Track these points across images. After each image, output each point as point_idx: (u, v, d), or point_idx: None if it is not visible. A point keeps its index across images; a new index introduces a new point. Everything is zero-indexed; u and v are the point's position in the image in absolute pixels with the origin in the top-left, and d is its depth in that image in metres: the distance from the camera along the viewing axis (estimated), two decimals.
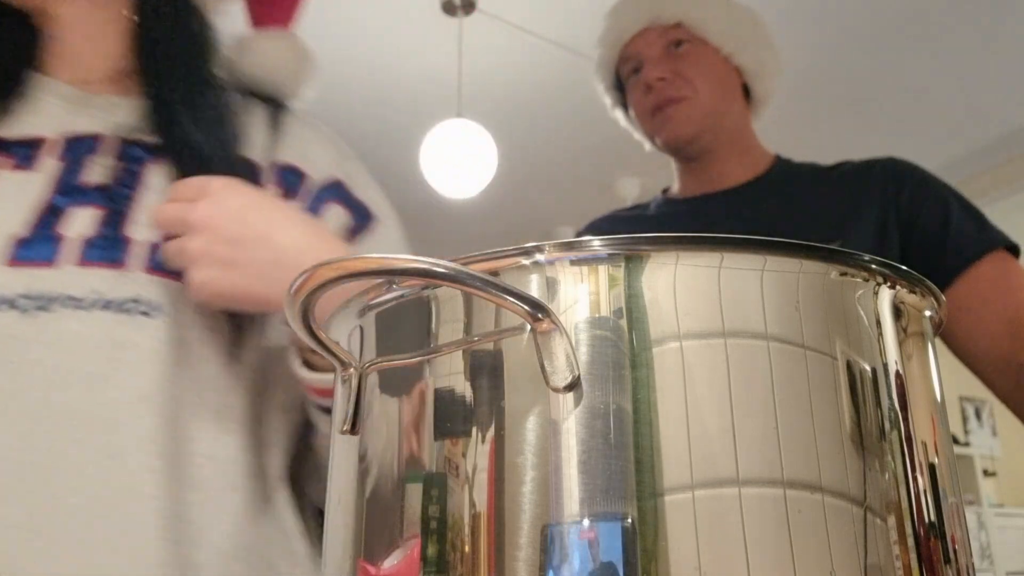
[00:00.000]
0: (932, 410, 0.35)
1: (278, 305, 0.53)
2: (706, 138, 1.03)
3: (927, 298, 0.37)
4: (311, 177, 0.69)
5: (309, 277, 0.32)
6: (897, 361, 0.34)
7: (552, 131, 3.58)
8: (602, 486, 0.29)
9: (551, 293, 0.32)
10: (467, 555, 0.30)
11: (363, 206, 0.71)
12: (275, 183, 0.67)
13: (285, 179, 0.68)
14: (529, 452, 0.30)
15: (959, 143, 3.54)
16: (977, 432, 5.05)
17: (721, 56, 1.04)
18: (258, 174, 0.67)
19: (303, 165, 0.70)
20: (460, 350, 0.33)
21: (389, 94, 3.33)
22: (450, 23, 2.93)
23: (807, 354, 0.31)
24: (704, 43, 1.03)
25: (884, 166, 1.03)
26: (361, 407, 0.36)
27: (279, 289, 0.49)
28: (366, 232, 0.70)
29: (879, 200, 0.99)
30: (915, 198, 0.98)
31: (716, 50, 1.03)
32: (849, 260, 0.33)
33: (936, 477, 0.34)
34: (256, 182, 0.66)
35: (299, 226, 0.57)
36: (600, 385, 0.30)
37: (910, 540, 0.31)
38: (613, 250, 0.32)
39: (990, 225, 0.99)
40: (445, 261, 0.30)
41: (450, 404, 0.32)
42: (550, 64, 3.15)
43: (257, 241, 0.54)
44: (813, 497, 0.29)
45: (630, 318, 0.31)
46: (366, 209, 0.71)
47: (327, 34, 2.97)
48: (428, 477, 0.32)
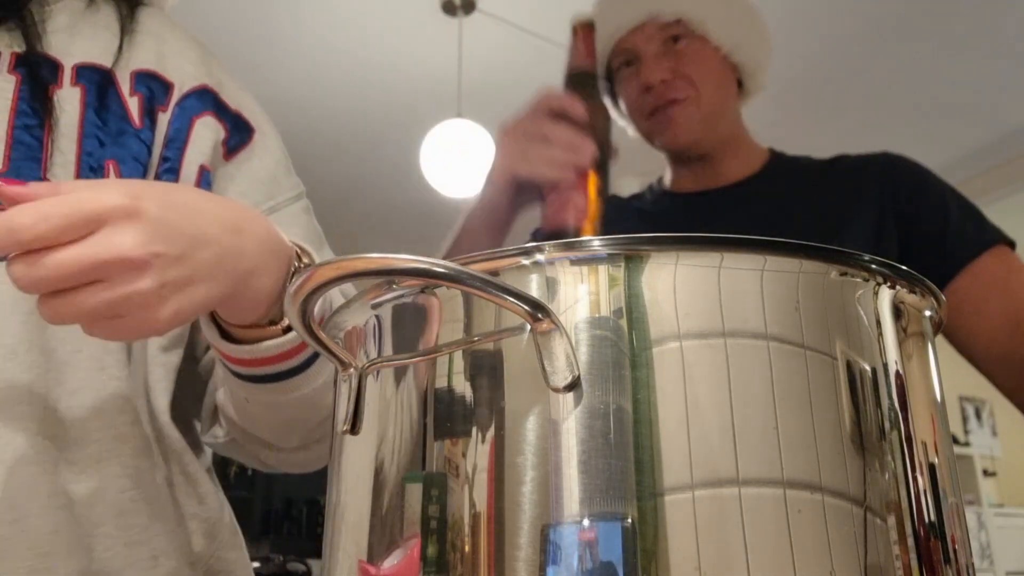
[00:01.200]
0: (932, 410, 0.35)
1: (237, 298, 0.47)
2: (706, 142, 1.02)
3: (927, 298, 0.36)
4: (175, 84, 0.62)
5: (309, 277, 0.32)
6: (897, 361, 0.34)
7: None
8: (602, 486, 0.29)
9: (551, 293, 0.32)
10: (467, 555, 0.30)
11: (238, 116, 0.65)
12: (132, 92, 0.60)
13: (146, 87, 0.61)
14: (529, 452, 0.30)
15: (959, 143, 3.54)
16: (977, 432, 5.05)
17: (720, 54, 1.02)
18: (109, 80, 0.59)
19: (164, 71, 0.62)
20: (460, 350, 0.33)
21: (389, 94, 3.32)
22: (450, 23, 2.93)
23: (807, 354, 0.31)
24: (704, 40, 1.01)
25: (881, 163, 1.02)
26: (361, 407, 0.36)
27: (232, 280, 0.46)
28: (246, 147, 0.65)
29: (877, 198, 0.98)
30: (913, 196, 0.98)
31: (716, 48, 1.02)
32: (849, 260, 0.33)
33: (936, 477, 0.34)
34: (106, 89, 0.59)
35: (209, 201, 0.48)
36: (600, 385, 0.30)
37: (910, 540, 0.31)
38: (613, 250, 0.32)
39: (988, 222, 0.98)
40: (445, 261, 0.30)
41: (450, 404, 0.32)
42: (550, 64, 3.15)
43: (196, 244, 0.45)
44: (813, 497, 0.29)
45: (630, 318, 0.31)
46: (242, 120, 0.65)
47: (327, 34, 2.97)
48: (428, 477, 0.32)
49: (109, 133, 0.58)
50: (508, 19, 2.94)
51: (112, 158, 0.57)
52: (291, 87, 3.16)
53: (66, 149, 0.56)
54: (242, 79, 0.71)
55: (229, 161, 0.64)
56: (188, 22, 0.70)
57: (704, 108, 1.00)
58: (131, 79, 0.60)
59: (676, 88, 0.99)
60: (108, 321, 0.42)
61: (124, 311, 0.42)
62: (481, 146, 2.79)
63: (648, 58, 1.01)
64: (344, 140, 3.53)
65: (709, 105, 1.00)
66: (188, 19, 0.73)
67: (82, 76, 0.58)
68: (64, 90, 0.57)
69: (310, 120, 3.36)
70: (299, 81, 3.15)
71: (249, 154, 0.65)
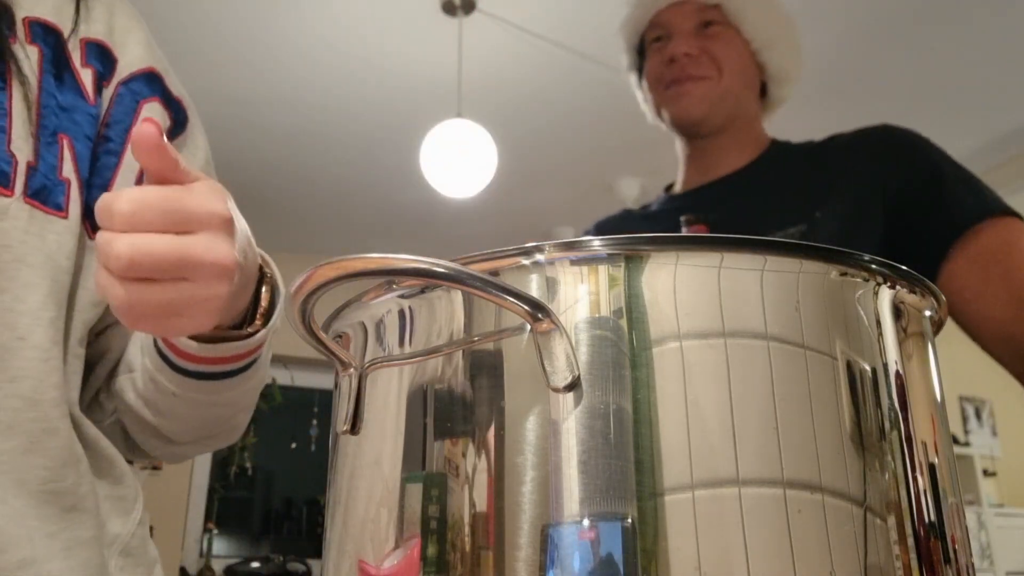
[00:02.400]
0: (932, 410, 0.35)
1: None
2: (714, 121, 1.03)
3: (927, 298, 0.36)
4: (119, 61, 0.61)
5: (309, 277, 0.32)
6: (897, 361, 0.34)
7: (552, 131, 3.58)
8: (602, 486, 0.29)
9: (551, 293, 0.32)
10: (467, 555, 0.30)
11: (178, 103, 0.64)
12: (84, 63, 0.58)
13: (95, 57, 0.59)
14: (529, 452, 0.30)
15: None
16: (977, 432, 5.05)
17: (749, 49, 1.04)
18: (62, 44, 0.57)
19: (111, 43, 0.61)
20: (460, 350, 0.33)
21: (389, 94, 3.32)
22: (450, 23, 2.93)
23: (807, 354, 0.31)
24: (736, 31, 1.03)
25: (875, 135, 1.00)
26: (361, 407, 0.36)
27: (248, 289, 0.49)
28: (181, 135, 0.64)
29: (865, 172, 0.96)
30: (904, 165, 0.94)
31: (746, 42, 1.03)
32: (849, 260, 0.33)
33: (936, 477, 0.34)
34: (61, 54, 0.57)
35: None
36: (600, 385, 0.30)
37: (910, 540, 0.31)
38: (613, 250, 0.32)
39: (988, 192, 0.92)
40: (445, 261, 0.30)
41: (450, 404, 0.32)
42: (550, 64, 3.15)
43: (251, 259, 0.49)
44: (813, 497, 0.29)
45: (630, 318, 0.31)
46: (181, 107, 0.64)
47: (327, 34, 2.97)
48: (428, 477, 0.32)
49: (63, 107, 0.56)
50: (508, 19, 2.94)
51: (65, 132, 0.56)
52: (291, 87, 3.16)
53: (25, 120, 0.54)
54: (242, 79, 0.70)
55: None
56: (186, 21, 0.70)
57: (721, 89, 1.01)
58: (82, 48, 0.59)
59: (699, 65, 1.01)
60: (167, 318, 0.43)
61: (188, 312, 0.43)
62: (481, 146, 2.79)
63: (679, 33, 1.03)
64: (344, 140, 3.53)
65: (726, 88, 1.02)
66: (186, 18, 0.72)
67: (36, 35, 0.56)
68: (19, 47, 0.55)
69: (310, 120, 3.36)
70: (299, 81, 3.15)
71: (182, 145, 0.64)
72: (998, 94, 3.33)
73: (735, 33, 1.03)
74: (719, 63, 1.01)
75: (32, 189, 0.53)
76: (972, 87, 3.28)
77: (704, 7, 1.03)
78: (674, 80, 1.02)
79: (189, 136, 0.65)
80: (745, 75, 1.04)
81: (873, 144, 0.99)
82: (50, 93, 0.56)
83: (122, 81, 0.60)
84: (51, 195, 0.54)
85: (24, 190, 0.53)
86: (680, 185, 1.12)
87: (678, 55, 1.01)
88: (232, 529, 4.16)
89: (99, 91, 0.59)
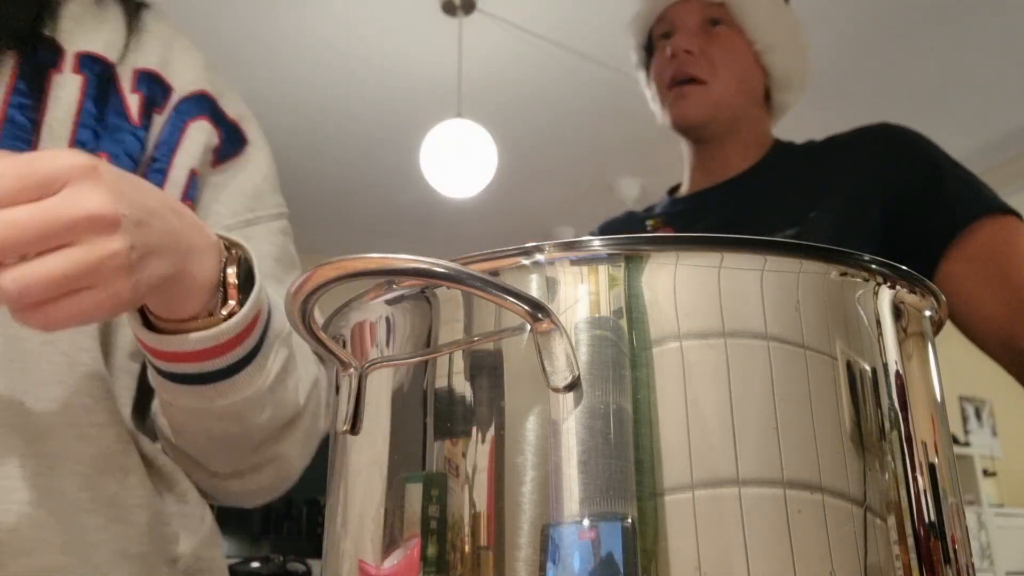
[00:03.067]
0: (932, 410, 0.35)
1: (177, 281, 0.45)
2: (714, 127, 1.03)
3: (927, 298, 0.36)
4: (175, 89, 0.62)
5: (309, 277, 0.32)
6: (897, 361, 0.34)
7: (552, 131, 3.58)
8: (602, 486, 0.29)
9: (551, 293, 0.32)
10: (467, 555, 0.30)
11: (234, 127, 0.64)
12: (133, 90, 0.60)
13: (147, 86, 0.61)
14: (529, 452, 0.30)
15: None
16: (977, 432, 5.05)
17: (752, 51, 1.03)
18: (109, 73, 0.59)
19: (165, 73, 0.62)
20: (460, 350, 0.33)
21: (389, 94, 3.33)
22: (450, 23, 2.93)
23: (807, 354, 0.31)
24: (740, 31, 1.03)
25: (873, 133, 1.00)
26: (361, 407, 0.36)
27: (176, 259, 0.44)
28: (237, 158, 0.64)
29: (863, 169, 0.96)
30: (903, 163, 0.94)
31: (749, 43, 1.03)
32: (849, 260, 0.33)
33: (936, 477, 0.34)
34: (107, 82, 0.58)
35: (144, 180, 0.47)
36: (600, 385, 0.30)
37: (910, 540, 0.31)
38: (613, 250, 0.32)
39: (987, 190, 0.91)
40: (445, 261, 0.30)
41: (450, 404, 0.32)
42: (550, 64, 3.15)
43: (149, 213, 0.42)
44: (813, 497, 0.29)
45: (630, 318, 0.31)
46: (238, 131, 0.65)
47: (327, 34, 2.97)
48: (428, 477, 0.32)
49: (106, 127, 0.57)
50: (508, 19, 2.94)
51: (105, 151, 0.56)
52: (291, 87, 3.16)
53: (58, 135, 0.55)
54: (242, 79, 0.72)
55: (216, 168, 0.63)
56: (188, 21, 0.71)
57: (716, 95, 1.01)
58: (133, 76, 0.60)
59: (696, 65, 1.01)
60: (74, 297, 0.39)
61: (94, 280, 0.39)
62: (481, 146, 2.79)
63: (682, 29, 1.04)
64: (344, 140, 3.53)
65: (722, 93, 1.02)
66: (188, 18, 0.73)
67: (84, 65, 0.58)
68: (64, 76, 0.57)
69: (310, 120, 3.37)
70: (299, 81, 3.15)
71: (239, 165, 0.64)
72: (998, 94, 3.33)
73: (739, 35, 1.03)
74: (715, 66, 1.01)
75: None
76: (972, 87, 3.28)
77: (710, 4, 1.03)
78: (673, 77, 1.02)
79: (248, 157, 0.65)
80: (744, 80, 1.04)
81: (871, 143, 0.99)
82: (89, 113, 0.57)
83: (174, 106, 0.62)
84: None
85: None
86: (686, 188, 1.12)
87: (678, 50, 1.01)
88: (232, 529, 4.16)
89: (148, 115, 0.60)
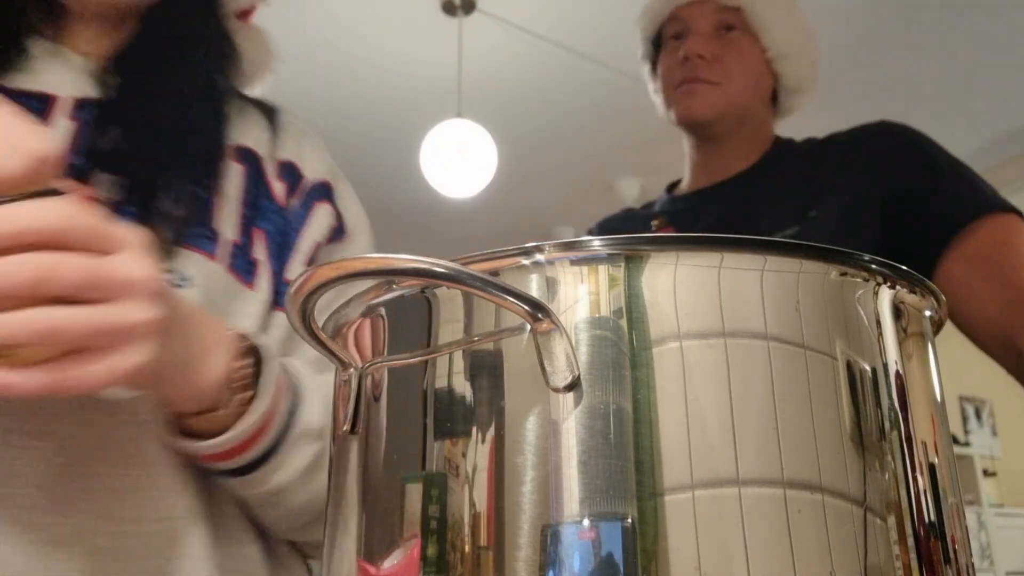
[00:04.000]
0: (932, 410, 0.35)
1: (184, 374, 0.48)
2: (720, 127, 1.03)
3: (927, 298, 0.36)
4: (306, 177, 0.71)
5: (309, 277, 0.32)
6: (897, 361, 0.34)
7: (552, 131, 3.58)
8: (602, 486, 0.29)
9: (551, 293, 0.32)
10: (467, 555, 0.30)
11: (339, 215, 0.72)
12: (278, 177, 0.69)
13: (287, 175, 0.70)
14: (529, 452, 0.30)
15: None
16: (977, 432, 5.04)
17: (765, 56, 1.03)
18: (260, 164, 0.68)
19: (300, 164, 0.71)
20: (460, 350, 0.33)
21: (389, 94, 3.33)
22: (450, 23, 2.93)
23: (807, 354, 0.31)
24: (754, 37, 1.03)
25: (873, 132, 1.00)
26: (361, 407, 0.36)
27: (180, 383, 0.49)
28: (341, 241, 0.71)
29: (862, 167, 0.96)
30: (902, 161, 0.94)
31: (763, 49, 1.03)
32: (849, 260, 0.33)
33: (936, 477, 0.34)
34: (259, 170, 0.67)
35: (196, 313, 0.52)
36: (600, 385, 0.30)
37: (910, 540, 0.31)
38: (613, 250, 0.32)
39: (987, 189, 0.91)
40: (445, 261, 0.30)
41: (450, 404, 0.32)
42: (550, 64, 3.15)
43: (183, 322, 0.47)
44: (813, 497, 0.29)
45: (630, 318, 0.31)
46: (342, 218, 0.72)
47: (327, 34, 2.97)
48: (428, 477, 0.32)
49: (259, 208, 0.66)
50: (508, 19, 2.94)
51: (260, 228, 0.65)
52: (290, 87, 3.16)
53: (229, 210, 0.64)
54: None
55: (328, 245, 0.70)
56: None
57: (728, 97, 1.01)
58: (277, 166, 0.70)
59: (709, 69, 1.01)
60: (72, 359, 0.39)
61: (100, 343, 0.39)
62: (481, 146, 2.79)
63: (696, 32, 1.03)
64: (344, 139, 3.53)
65: (734, 97, 1.02)
66: None
67: (242, 157, 0.67)
68: (227, 165, 0.65)
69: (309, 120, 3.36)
70: (299, 81, 3.15)
71: (342, 247, 0.72)
72: (998, 94, 3.33)
73: (753, 41, 1.03)
74: (729, 71, 1.01)
75: (231, 261, 0.61)
76: (972, 87, 3.28)
77: (725, 8, 1.03)
78: (684, 79, 1.02)
79: (344, 244, 0.72)
80: (756, 86, 1.03)
81: (871, 141, 0.99)
82: (251, 195, 0.66)
83: (305, 191, 0.70)
84: (243, 271, 0.62)
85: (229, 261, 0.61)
86: (686, 184, 1.12)
87: (692, 55, 1.01)
88: None
89: (288, 199, 0.69)
